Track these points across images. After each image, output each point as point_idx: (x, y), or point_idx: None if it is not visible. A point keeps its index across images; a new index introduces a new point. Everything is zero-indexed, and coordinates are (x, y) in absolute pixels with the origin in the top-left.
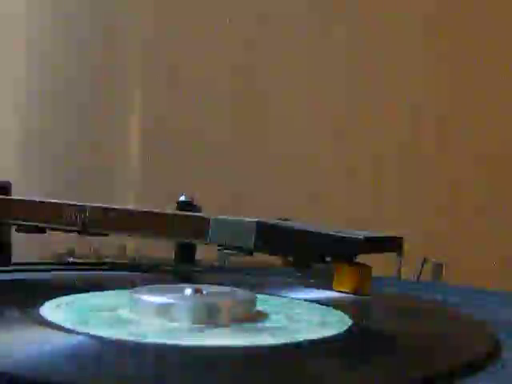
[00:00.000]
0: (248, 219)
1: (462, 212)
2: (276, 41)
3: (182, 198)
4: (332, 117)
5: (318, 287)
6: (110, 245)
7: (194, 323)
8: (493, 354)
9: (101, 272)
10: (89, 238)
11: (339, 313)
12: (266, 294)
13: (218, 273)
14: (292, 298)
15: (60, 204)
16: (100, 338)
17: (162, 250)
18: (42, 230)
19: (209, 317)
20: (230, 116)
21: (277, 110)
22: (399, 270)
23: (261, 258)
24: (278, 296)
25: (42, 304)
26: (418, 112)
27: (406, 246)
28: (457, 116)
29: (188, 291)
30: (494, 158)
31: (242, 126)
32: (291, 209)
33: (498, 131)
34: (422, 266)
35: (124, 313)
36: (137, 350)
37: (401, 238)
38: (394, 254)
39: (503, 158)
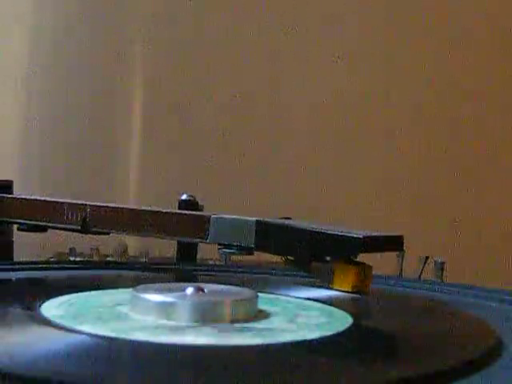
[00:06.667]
0: (248, 218)
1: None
2: (275, 45)
3: (184, 197)
4: (332, 117)
5: (318, 286)
6: (111, 243)
7: (195, 322)
8: (494, 353)
9: (102, 270)
10: (90, 236)
11: (339, 312)
12: (268, 292)
13: (219, 271)
14: (293, 297)
15: (61, 203)
16: (99, 337)
17: (164, 248)
18: (43, 229)
19: (210, 316)
20: (231, 116)
21: (277, 110)
22: (400, 269)
23: (261, 256)
24: (279, 295)
25: (42, 302)
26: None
27: (406, 245)
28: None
29: (189, 290)
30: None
31: (243, 126)
32: (291, 208)
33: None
34: (424, 264)
35: (125, 311)
36: (137, 349)
37: (401, 236)
38: (395, 253)
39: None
